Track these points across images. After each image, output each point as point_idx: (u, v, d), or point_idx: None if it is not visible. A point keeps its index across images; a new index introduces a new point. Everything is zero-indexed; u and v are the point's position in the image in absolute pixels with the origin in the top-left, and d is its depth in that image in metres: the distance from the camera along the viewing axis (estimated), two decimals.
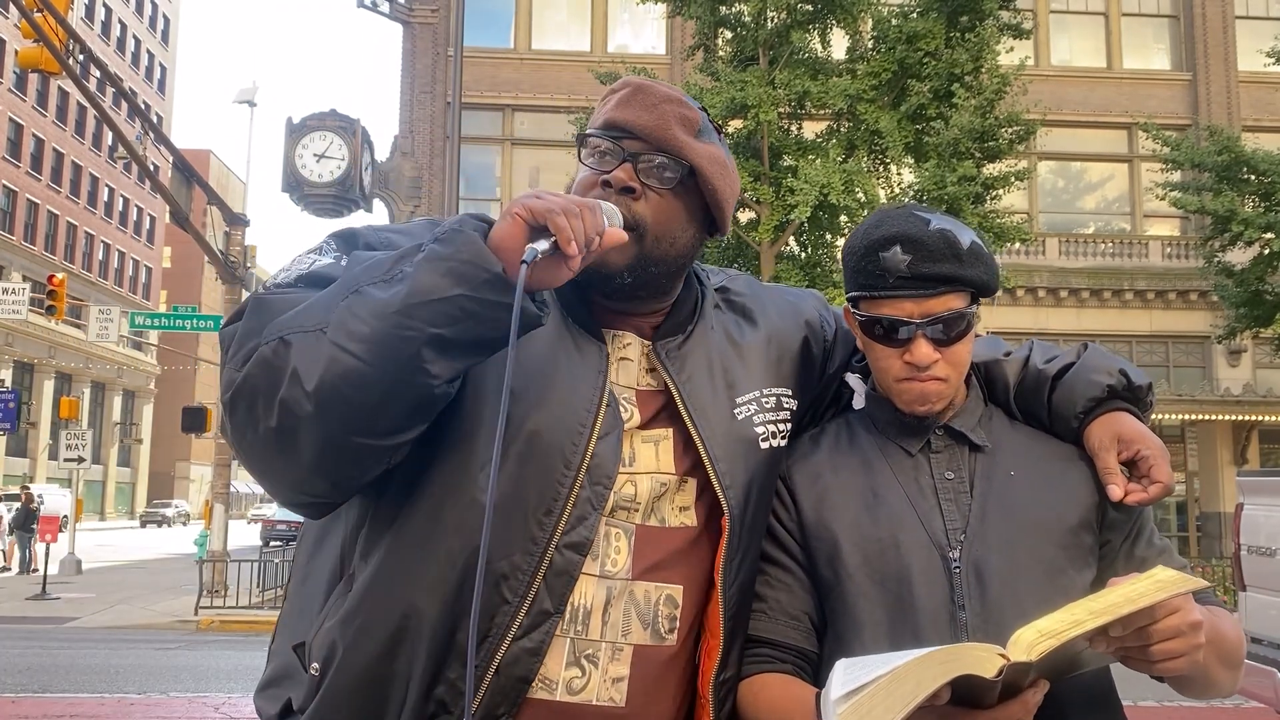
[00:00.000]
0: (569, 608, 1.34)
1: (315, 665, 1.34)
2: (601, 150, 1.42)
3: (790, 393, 1.56)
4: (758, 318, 1.58)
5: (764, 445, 1.48)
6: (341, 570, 1.40)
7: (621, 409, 1.42)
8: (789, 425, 1.54)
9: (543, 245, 1.20)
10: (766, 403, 1.51)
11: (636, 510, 1.40)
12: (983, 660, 1.10)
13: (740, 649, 1.44)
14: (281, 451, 1.23)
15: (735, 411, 1.47)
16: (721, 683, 1.40)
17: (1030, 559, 1.39)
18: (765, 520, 1.49)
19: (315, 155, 15.94)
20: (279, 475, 1.28)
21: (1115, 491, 1.39)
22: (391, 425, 1.23)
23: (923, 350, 1.42)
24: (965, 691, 1.11)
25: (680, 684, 1.41)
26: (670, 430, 1.45)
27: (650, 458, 1.43)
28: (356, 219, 18.85)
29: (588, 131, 1.45)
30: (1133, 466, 1.43)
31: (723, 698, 1.41)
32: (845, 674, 1.13)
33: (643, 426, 1.44)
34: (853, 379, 1.63)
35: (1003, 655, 1.11)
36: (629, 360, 1.46)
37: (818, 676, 1.43)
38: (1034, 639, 1.12)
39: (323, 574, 1.43)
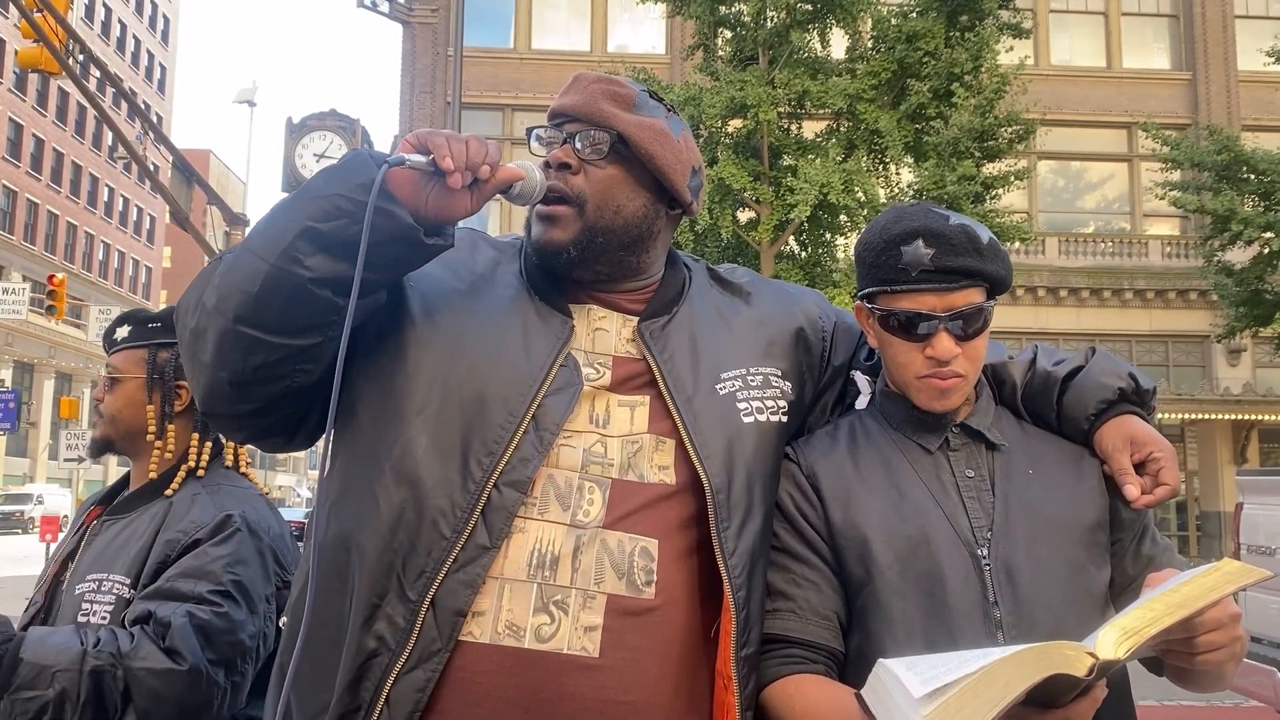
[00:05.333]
0: (535, 554, 1.34)
1: (284, 619, 1.40)
2: (546, 140, 1.52)
3: (780, 373, 1.56)
4: (754, 301, 1.62)
5: (747, 419, 1.48)
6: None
7: (591, 370, 1.46)
8: (783, 404, 1.54)
9: (416, 157, 1.30)
10: (753, 380, 1.52)
11: (611, 466, 1.41)
12: (1073, 659, 1.10)
13: (760, 625, 1.43)
14: (196, 350, 1.37)
15: (718, 387, 1.49)
16: (743, 659, 1.38)
17: (1055, 557, 1.40)
18: (764, 490, 1.48)
19: (315, 155, 15.92)
20: (196, 376, 1.40)
21: (1132, 492, 1.41)
22: (274, 320, 1.32)
23: (945, 344, 1.42)
24: (1041, 691, 1.10)
25: (669, 647, 1.37)
26: (648, 397, 1.47)
27: (624, 421, 1.45)
28: None
29: (533, 126, 1.55)
30: (1141, 469, 1.44)
31: (745, 675, 1.39)
32: (914, 673, 1.10)
33: (615, 389, 1.46)
34: (861, 378, 1.64)
35: (1091, 654, 1.11)
36: (605, 331, 1.50)
37: (843, 676, 1.43)
38: (1118, 637, 1.12)
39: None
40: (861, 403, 1.63)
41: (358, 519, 1.36)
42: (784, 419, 1.54)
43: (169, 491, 2.01)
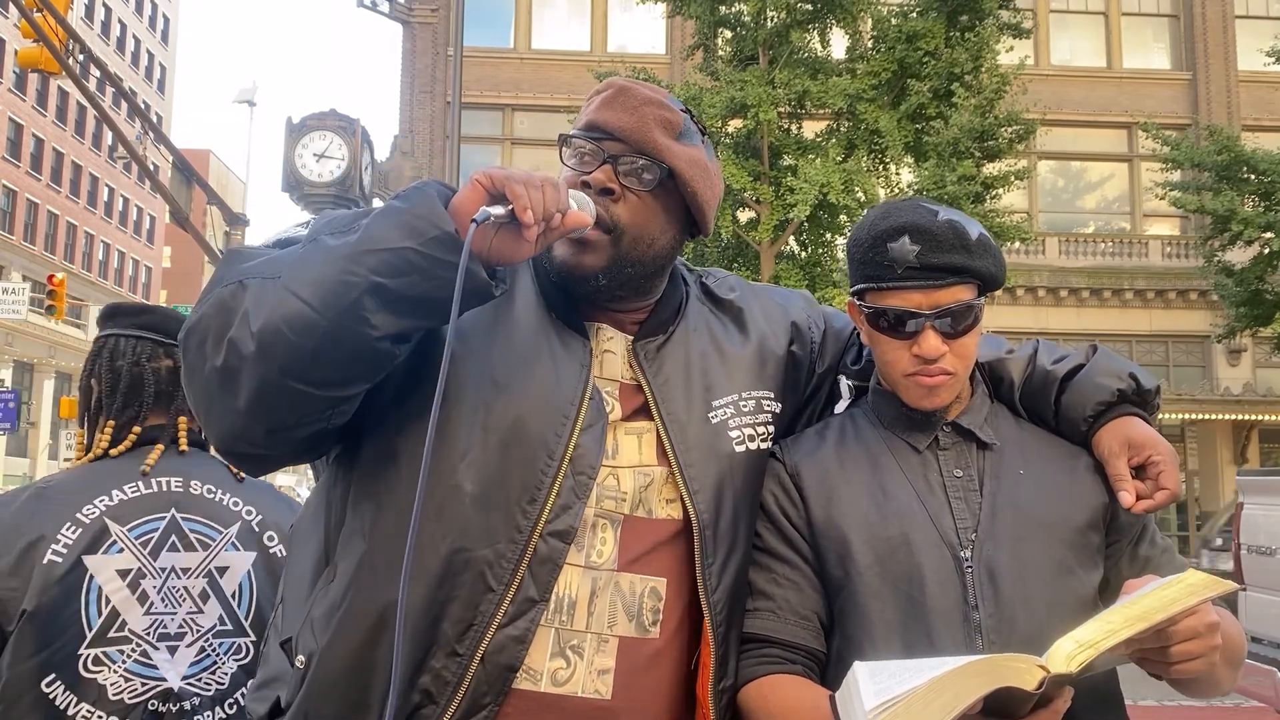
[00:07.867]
0: (554, 598, 1.33)
1: (301, 658, 1.34)
2: (583, 152, 1.43)
3: (772, 396, 1.55)
4: (747, 322, 1.59)
5: (739, 449, 1.48)
6: (325, 561, 1.41)
7: (604, 402, 1.43)
8: (770, 429, 1.54)
9: (497, 210, 1.22)
10: (745, 406, 1.51)
11: (624, 501, 1.40)
12: (1022, 672, 1.09)
13: (737, 657, 1.43)
14: (224, 391, 1.25)
15: (710, 415, 1.47)
16: (721, 691, 1.39)
17: (1041, 559, 1.38)
18: (748, 524, 1.48)
19: (315, 155, 15.89)
20: (219, 417, 1.29)
21: (1127, 499, 1.39)
22: (328, 375, 1.24)
23: (931, 342, 1.40)
24: (998, 702, 1.10)
25: (671, 682, 1.40)
26: (652, 424, 1.45)
27: (633, 451, 1.43)
28: None
29: (569, 133, 1.46)
30: (1142, 471, 1.42)
31: (724, 706, 1.40)
32: (873, 682, 1.10)
33: (625, 419, 1.45)
34: (843, 383, 1.63)
35: (1042, 667, 1.10)
36: (612, 354, 1.47)
37: (824, 677, 1.42)
38: (1073, 650, 1.10)
39: (307, 567, 1.44)
40: (840, 408, 1.62)
41: (397, 567, 1.25)
42: (767, 444, 1.53)
43: None
